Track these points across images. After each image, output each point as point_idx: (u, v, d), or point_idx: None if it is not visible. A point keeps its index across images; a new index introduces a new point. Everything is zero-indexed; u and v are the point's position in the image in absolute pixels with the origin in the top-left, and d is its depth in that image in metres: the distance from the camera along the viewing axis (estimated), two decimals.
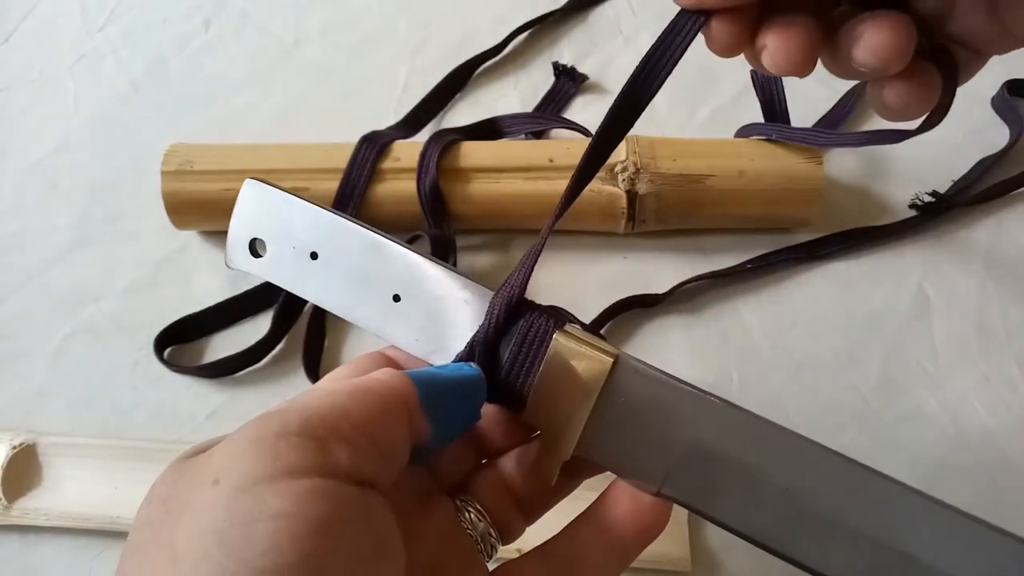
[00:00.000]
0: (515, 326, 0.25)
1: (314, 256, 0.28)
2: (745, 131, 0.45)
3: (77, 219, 0.47)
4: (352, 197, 0.42)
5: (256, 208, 0.29)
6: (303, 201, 0.28)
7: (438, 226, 0.42)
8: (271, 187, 0.28)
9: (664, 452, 0.24)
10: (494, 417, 0.28)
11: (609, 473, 0.26)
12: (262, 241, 0.28)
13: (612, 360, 0.24)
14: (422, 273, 0.27)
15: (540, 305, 0.26)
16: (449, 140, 0.43)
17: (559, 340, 0.25)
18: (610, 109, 0.25)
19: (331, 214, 0.28)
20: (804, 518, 0.23)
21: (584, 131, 0.47)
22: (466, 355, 0.26)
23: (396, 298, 0.27)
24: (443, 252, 0.41)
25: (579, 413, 0.24)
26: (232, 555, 0.17)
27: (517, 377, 0.25)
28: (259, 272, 0.29)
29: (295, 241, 0.28)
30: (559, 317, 0.26)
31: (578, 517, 0.26)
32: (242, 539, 0.17)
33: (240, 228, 0.29)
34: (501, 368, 0.25)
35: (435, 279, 0.27)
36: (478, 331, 0.26)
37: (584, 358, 0.24)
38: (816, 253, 0.43)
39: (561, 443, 0.25)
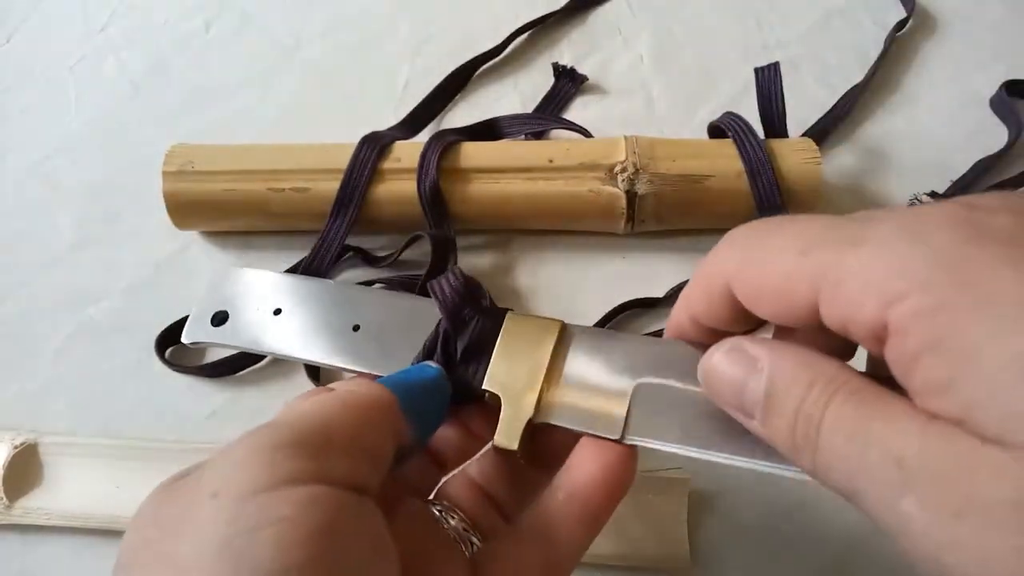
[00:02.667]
0: (467, 326, 0.29)
1: (277, 312, 0.32)
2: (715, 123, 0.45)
3: (78, 219, 0.47)
4: (353, 197, 0.42)
5: (221, 288, 0.33)
6: (269, 272, 0.33)
7: (439, 226, 0.42)
8: (240, 268, 0.33)
9: (619, 396, 0.26)
10: (451, 426, 0.29)
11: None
12: (225, 312, 0.32)
13: (560, 322, 0.28)
14: (375, 301, 0.31)
15: (481, 303, 0.30)
16: (449, 141, 0.43)
17: (510, 318, 0.29)
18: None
19: (293, 276, 0.33)
20: (719, 415, 0.23)
21: (584, 132, 0.47)
22: (423, 357, 0.29)
23: (356, 328, 0.31)
24: (443, 252, 0.41)
25: (536, 369, 0.27)
26: (241, 562, 0.17)
27: (474, 363, 0.28)
28: (220, 340, 0.32)
29: (259, 303, 0.32)
30: (503, 309, 0.29)
31: (546, 490, 0.26)
32: (248, 546, 0.17)
33: (206, 306, 0.33)
34: (456, 361, 0.28)
35: (386, 302, 0.31)
36: (428, 336, 0.29)
37: (534, 325, 0.28)
38: None
39: (522, 402, 0.27)
